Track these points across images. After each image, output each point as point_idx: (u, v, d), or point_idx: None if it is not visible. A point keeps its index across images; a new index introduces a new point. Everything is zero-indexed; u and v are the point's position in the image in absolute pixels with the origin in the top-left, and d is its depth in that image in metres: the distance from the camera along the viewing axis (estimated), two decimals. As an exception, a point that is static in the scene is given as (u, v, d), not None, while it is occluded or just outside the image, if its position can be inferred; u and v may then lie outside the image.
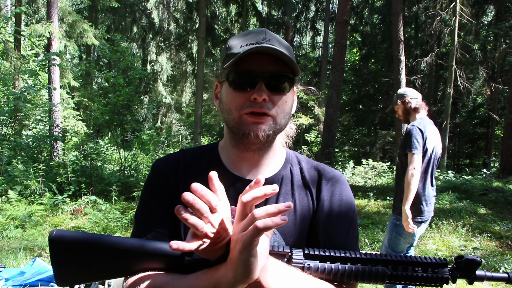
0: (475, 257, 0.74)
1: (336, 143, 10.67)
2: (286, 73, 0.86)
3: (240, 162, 0.95)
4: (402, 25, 13.11)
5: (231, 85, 0.86)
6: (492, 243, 4.95)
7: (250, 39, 0.86)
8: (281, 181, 0.95)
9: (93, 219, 5.55)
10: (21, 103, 7.56)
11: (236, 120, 0.87)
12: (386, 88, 18.51)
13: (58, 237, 0.75)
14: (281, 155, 1.00)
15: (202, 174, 0.91)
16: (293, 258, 0.75)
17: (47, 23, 8.66)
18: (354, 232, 0.94)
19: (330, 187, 0.96)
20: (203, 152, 1.00)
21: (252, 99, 0.84)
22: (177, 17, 18.66)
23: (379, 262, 0.76)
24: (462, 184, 9.20)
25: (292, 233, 0.90)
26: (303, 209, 0.93)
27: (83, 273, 0.77)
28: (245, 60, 0.84)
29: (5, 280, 3.37)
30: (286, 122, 0.91)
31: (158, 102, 17.92)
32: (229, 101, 0.87)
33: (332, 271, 0.75)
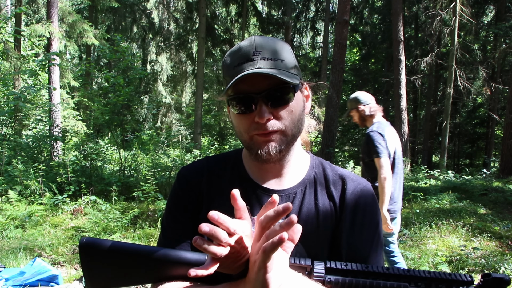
0: (503, 275, 0.69)
1: (336, 143, 10.67)
2: (284, 84, 0.81)
3: (261, 172, 0.94)
4: (402, 25, 13.11)
5: (233, 110, 0.85)
6: (492, 243, 4.95)
7: (240, 57, 0.83)
8: (304, 191, 0.93)
9: (93, 219, 5.55)
10: (21, 103, 7.56)
11: (248, 141, 0.87)
12: (386, 88, 18.53)
13: (87, 244, 0.79)
14: (304, 162, 0.98)
15: (226, 182, 0.94)
16: (314, 272, 0.74)
17: (47, 23, 8.66)
18: (378, 244, 0.91)
19: (354, 197, 0.92)
20: (227, 159, 1.00)
21: (255, 122, 0.83)
22: (177, 17, 18.67)
23: (402, 278, 0.73)
24: (462, 184, 9.20)
25: (314, 244, 0.88)
26: (326, 220, 0.90)
27: (110, 278, 0.80)
28: (240, 82, 0.81)
29: (5, 280, 3.37)
30: (299, 128, 0.89)
31: (158, 102, 17.94)
32: (237, 124, 0.87)
33: (353, 285, 0.73)
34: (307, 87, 0.95)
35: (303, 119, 0.91)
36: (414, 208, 6.82)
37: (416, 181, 10.00)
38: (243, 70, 0.80)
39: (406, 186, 8.88)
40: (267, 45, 0.84)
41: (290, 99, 0.84)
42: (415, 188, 8.62)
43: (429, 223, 5.68)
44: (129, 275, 0.79)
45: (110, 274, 0.80)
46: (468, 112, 20.77)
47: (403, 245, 4.85)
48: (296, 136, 0.88)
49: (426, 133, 18.82)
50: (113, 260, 0.79)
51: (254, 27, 19.84)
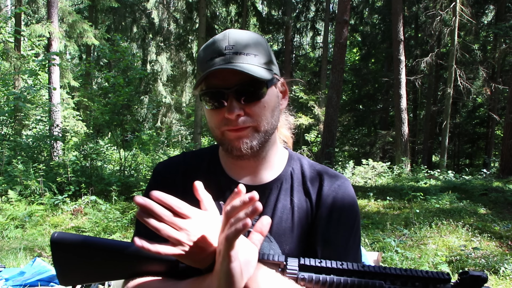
0: (481, 273, 0.68)
1: (336, 143, 10.68)
2: (256, 80, 0.79)
3: (236, 168, 0.93)
4: (402, 25, 13.11)
5: (205, 105, 0.84)
6: (492, 243, 4.95)
7: (213, 51, 0.81)
8: (280, 187, 0.92)
9: (93, 219, 5.55)
10: (20, 103, 7.56)
11: (219, 137, 0.86)
12: (386, 88, 18.53)
13: (59, 239, 0.77)
14: (282, 158, 0.97)
15: (201, 177, 0.91)
16: (287, 268, 0.73)
17: (47, 23, 8.66)
18: (355, 240, 0.89)
19: (331, 192, 0.91)
20: (204, 155, 0.99)
21: (225, 117, 0.81)
22: (177, 17, 18.67)
23: (377, 275, 0.72)
24: (462, 184, 9.19)
25: (289, 241, 0.87)
26: (301, 216, 0.89)
27: (83, 274, 0.79)
28: (212, 77, 0.80)
29: (5, 280, 3.37)
30: (272, 124, 0.86)
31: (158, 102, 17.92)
32: (209, 119, 0.86)
33: (327, 283, 0.72)
34: (284, 83, 0.93)
35: (277, 115, 0.89)
36: (414, 208, 6.82)
37: (416, 181, 10.00)
38: (215, 65, 0.79)
39: (406, 186, 8.88)
40: (241, 39, 0.82)
41: (262, 94, 0.82)
42: (415, 188, 8.62)
43: (429, 223, 5.68)
44: (101, 271, 0.78)
45: (82, 269, 0.79)
46: (468, 112, 20.77)
47: (403, 245, 4.85)
48: (269, 133, 0.86)
49: (426, 133, 18.81)
50: (85, 256, 0.77)
51: (254, 27, 19.84)
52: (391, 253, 4.34)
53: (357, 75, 21.04)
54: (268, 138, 0.87)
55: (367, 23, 20.53)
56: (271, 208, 0.90)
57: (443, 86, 17.20)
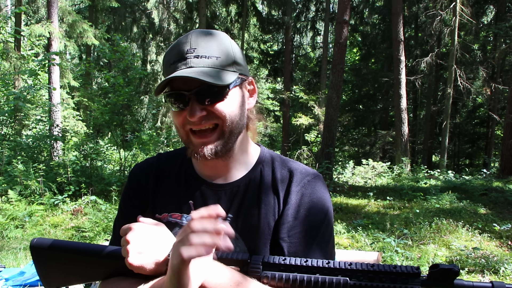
0: (452, 265, 0.66)
1: (336, 143, 10.68)
2: (216, 82, 0.80)
3: (206, 167, 0.95)
4: (402, 25, 13.11)
5: (171, 107, 0.86)
6: (492, 243, 4.95)
7: (175, 55, 0.84)
8: (248, 185, 0.92)
9: (93, 219, 5.55)
10: (20, 103, 7.55)
11: (185, 138, 0.88)
12: (386, 88, 18.52)
13: (37, 244, 0.84)
14: (253, 156, 0.97)
15: (172, 178, 0.96)
16: (251, 267, 0.73)
17: (47, 23, 8.66)
18: (324, 237, 0.87)
19: (300, 188, 0.90)
20: (178, 155, 1.01)
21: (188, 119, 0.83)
22: (177, 17, 18.66)
23: (342, 271, 0.71)
24: (462, 184, 9.19)
25: (254, 238, 0.87)
26: (268, 214, 0.89)
27: (63, 276, 0.85)
28: (175, 79, 0.82)
29: (5, 280, 3.37)
30: (238, 124, 0.87)
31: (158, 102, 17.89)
32: (174, 120, 0.88)
33: (290, 280, 0.71)
34: (253, 81, 0.94)
35: (243, 115, 0.89)
36: (414, 208, 6.81)
37: (416, 181, 10.00)
38: (176, 69, 0.82)
39: (406, 186, 8.88)
40: (203, 41, 0.84)
41: (223, 95, 0.83)
42: (415, 188, 8.62)
43: (429, 223, 5.68)
44: (80, 273, 0.84)
45: (62, 272, 0.84)
46: (468, 112, 20.76)
47: (403, 245, 4.85)
48: (234, 132, 0.87)
49: (426, 133, 18.81)
50: (63, 259, 0.83)
51: (254, 27, 19.84)
52: (391, 253, 4.34)
53: (357, 75, 21.02)
54: (234, 138, 0.88)
55: (367, 23, 20.53)
56: (238, 206, 0.91)
57: (443, 86, 17.20)
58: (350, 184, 9.80)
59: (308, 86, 20.21)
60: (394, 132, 14.93)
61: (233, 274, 0.73)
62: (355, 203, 7.48)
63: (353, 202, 7.53)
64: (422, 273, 0.70)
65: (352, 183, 10.25)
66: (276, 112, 21.41)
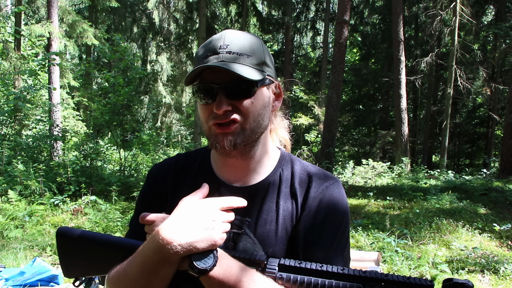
0: (466, 281, 0.65)
1: (336, 143, 10.68)
2: (246, 78, 0.81)
3: (225, 168, 0.95)
4: (402, 25, 13.12)
5: (198, 100, 0.87)
6: (492, 243, 4.95)
7: (209, 49, 0.85)
8: (267, 189, 0.92)
9: (93, 219, 5.55)
10: (20, 102, 7.55)
11: (207, 132, 0.89)
12: (386, 88, 18.53)
13: (64, 232, 0.86)
14: (273, 159, 0.97)
15: (190, 178, 0.97)
16: (267, 268, 0.75)
17: (47, 23, 8.65)
18: (340, 244, 0.87)
19: (319, 194, 0.90)
20: (197, 155, 1.02)
21: (214, 112, 0.84)
22: (177, 17, 18.66)
23: (357, 279, 0.71)
24: (462, 184, 9.19)
25: (272, 243, 0.87)
26: (286, 219, 0.89)
27: (84, 266, 0.87)
28: (205, 72, 0.85)
29: (5, 280, 3.37)
30: (259, 123, 0.88)
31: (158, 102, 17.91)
32: (200, 113, 0.89)
33: (305, 283, 0.72)
34: (279, 86, 0.95)
35: (267, 116, 0.90)
36: (414, 208, 6.82)
37: (416, 181, 10.00)
38: (208, 62, 0.83)
39: (406, 186, 8.88)
40: (237, 39, 0.85)
41: (251, 93, 0.85)
42: (415, 188, 8.62)
43: (429, 223, 5.68)
44: (100, 264, 0.85)
45: (84, 262, 0.86)
46: (468, 112, 20.76)
47: (403, 245, 4.85)
48: (256, 131, 0.87)
49: (426, 133, 18.81)
50: (86, 249, 0.84)
51: (254, 27, 19.83)
52: (391, 253, 4.33)
53: (357, 75, 21.03)
54: (255, 137, 0.88)
55: (367, 23, 20.53)
56: (256, 210, 0.90)
57: (443, 86, 17.20)
58: (350, 184, 9.80)
59: (308, 86, 20.21)
60: (394, 132, 14.94)
61: (251, 273, 0.74)
62: (355, 203, 7.48)
63: (353, 202, 7.53)
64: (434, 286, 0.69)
65: (352, 183, 10.25)
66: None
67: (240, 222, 0.89)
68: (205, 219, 0.73)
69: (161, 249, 0.70)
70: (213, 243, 0.71)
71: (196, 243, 0.70)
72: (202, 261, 0.70)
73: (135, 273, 0.75)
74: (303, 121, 15.90)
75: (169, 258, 0.71)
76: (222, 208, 0.76)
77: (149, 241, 0.74)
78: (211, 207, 0.75)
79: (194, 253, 0.70)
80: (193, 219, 0.73)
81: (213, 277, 0.71)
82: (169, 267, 0.72)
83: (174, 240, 0.70)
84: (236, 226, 0.88)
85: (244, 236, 0.88)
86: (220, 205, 0.76)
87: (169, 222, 0.73)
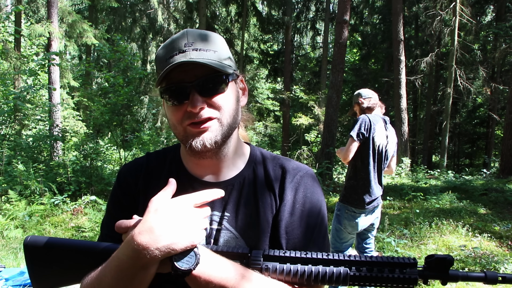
0: (446, 255, 0.69)
1: (336, 143, 10.67)
2: (217, 73, 0.82)
3: (199, 168, 0.93)
4: (402, 25, 13.11)
5: (167, 102, 0.84)
6: (492, 243, 4.95)
7: (172, 49, 0.83)
8: (243, 183, 0.92)
9: (93, 219, 5.55)
10: (19, 102, 7.55)
11: (182, 134, 0.85)
12: (386, 88, 18.53)
13: (32, 243, 0.79)
14: (244, 154, 0.97)
15: (164, 177, 0.92)
16: (252, 259, 0.74)
17: (47, 23, 8.66)
18: (321, 231, 0.89)
19: (294, 185, 0.91)
20: (167, 154, 0.99)
21: (188, 111, 0.82)
22: (177, 17, 18.66)
23: (343, 263, 0.72)
24: (462, 184, 9.19)
25: (254, 236, 0.87)
26: (266, 212, 0.89)
27: (57, 276, 0.80)
28: (173, 73, 0.81)
29: (5, 280, 3.37)
30: (235, 119, 0.88)
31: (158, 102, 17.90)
32: (170, 116, 0.86)
33: (291, 272, 0.73)
34: (243, 79, 0.95)
35: (238, 111, 0.90)
36: (414, 208, 6.81)
37: (416, 181, 10.00)
38: (175, 61, 0.80)
39: (406, 186, 8.88)
40: (200, 37, 0.84)
41: (223, 88, 0.84)
42: (415, 188, 8.62)
43: (429, 223, 5.68)
44: (75, 272, 0.79)
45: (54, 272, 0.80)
46: (468, 112, 20.76)
47: (403, 245, 4.85)
48: (232, 127, 0.87)
49: (426, 133, 18.81)
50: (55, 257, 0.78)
51: (254, 27, 19.83)
52: (391, 253, 4.33)
53: (357, 75, 21.03)
54: (230, 132, 0.88)
55: (367, 23, 20.53)
56: (235, 204, 0.90)
57: (443, 86, 17.19)
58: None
59: (308, 86, 20.21)
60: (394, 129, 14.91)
61: (236, 267, 0.73)
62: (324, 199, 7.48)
63: (353, 202, 7.53)
64: (418, 263, 0.72)
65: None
66: (276, 112, 21.42)
67: (219, 218, 0.88)
68: (180, 218, 0.68)
69: (137, 254, 0.66)
70: (191, 242, 0.67)
71: (174, 245, 0.66)
72: (184, 262, 0.67)
73: (110, 280, 0.71)
74: (303, 121, 15.91)
75: (146, 263, 0.67)
76: (196, 204, 0.72)
77: (123, 247, 0.70)
78: (184, 205, 0.70)
79: (174, 254, 0.67)
80: (167, 219, 0.68)
81: (198, 276, 0.69)
82: (147, 272, 0.69)
83: (151, 245, 0.66)
84: (215, 222, 0.88)
85: (225, 231, 0.87)
86: (194, 201, 0.72)
87: (143, 226, 0.68)
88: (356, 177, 2.99)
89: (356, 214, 2.97)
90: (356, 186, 2.97)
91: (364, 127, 2.88)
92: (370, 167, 2.95)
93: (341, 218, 3.02)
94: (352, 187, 2.98)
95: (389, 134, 3.08)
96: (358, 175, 2.97)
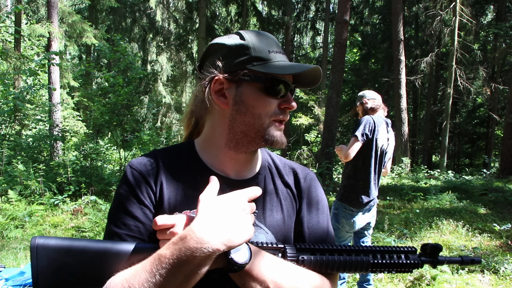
0: (436, 244, 0.84)
1: (336, 143, 10.67)
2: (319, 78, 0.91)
3: (228, 162, 0.91)
4: (402, 25, 13.11)
5: (263, 90, 0.83)
6: (492, 243, 4.95)
7: (270, 44, 0.87)
8: (265, 180, 0.95)
9: (93, 219, 5.55)
10: (19, 102, 7.55)
11: (264, 126, 0.85)
12: (386, 88, 18.52)
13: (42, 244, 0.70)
14: (260, 153, 1.00)
15: (184, 172, 0.89)
16: (287, 253, 0.81)
17: (47, 23, 8.66)
18: (330, 226, 1.00)
19: (307, 186, 0.98)
20: (179, 151, 0.94)
21: (282, 107, 0.87)
22: (177, 17, 18.66)
23: (361, 252, 0.83)
24: (462, 184, 9.19)
25: (282, 232, 0.91)
26: (288, 208, 0.94)
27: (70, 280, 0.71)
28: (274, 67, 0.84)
29: (5, 280, 3.37)
30: None
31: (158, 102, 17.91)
32: (260, 105, 0.84)
33: (324, 262, 0.81)
34: None
35: None
36: (414, 208, 6.81)
37: (416, 181, 10.00)
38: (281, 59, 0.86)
39: (406, 186, 8.88)
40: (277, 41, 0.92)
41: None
42: (415, 188, 8.62)
43: (429, 223, 5.68)
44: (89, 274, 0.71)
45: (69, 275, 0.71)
46: (468, 112, 20.76)
47: (402, 245, 4.84)
48: None
49: (426, 133, 18.81)
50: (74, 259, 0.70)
51: (254, 27, 19.82)
52: (391, 253, 4.33)
53: (357, 75, 21.04)
54: None
55: (367, 23, 20.53)
56: (261, 202, 0.90)
57: (443, 86, 17.19)
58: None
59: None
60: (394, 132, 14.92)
61: (279, 260, 0.78)
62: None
63: (353, 202, 7.53)
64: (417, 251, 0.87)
65: (352, 183, 10.23)
66: (276, 112, 21.38)
67: None
68: (237, 214, 0.71)
69: (197, 250, 0.65)
70: (248, 236, 0.69)
71: (234, 239, 0.68)
72: (241, 256, 0.69)
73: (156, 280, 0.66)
74: (303, 121, 15.91)
75: (204, 259, 0.66)
76: (250, 199, 0.76)
77: (177, 243, 0.67)
78: (240, 200, 0.73)
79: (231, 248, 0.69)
80: (226, 214, 0.69)
81: (250, 270, 0.73)
82: (202, 268, 0.67)
83: (213, 239, 0.66)
84: None
85: (256, 227, 0.88)
86: (248, 196, 0.75)
87: (201, 221, 0.67)
88: (356, 177, 3.00)
89: (354, 213, 3.00)
90: (355, 186, 2.99)
91: (368, 128, 2.90)
92: (371, 168, 2.97)
93: (339, 217, 3.05)
94: (351, 186, 3.00)
95: (390, 136, 3.11)
96: (358, 175, 2.99)
